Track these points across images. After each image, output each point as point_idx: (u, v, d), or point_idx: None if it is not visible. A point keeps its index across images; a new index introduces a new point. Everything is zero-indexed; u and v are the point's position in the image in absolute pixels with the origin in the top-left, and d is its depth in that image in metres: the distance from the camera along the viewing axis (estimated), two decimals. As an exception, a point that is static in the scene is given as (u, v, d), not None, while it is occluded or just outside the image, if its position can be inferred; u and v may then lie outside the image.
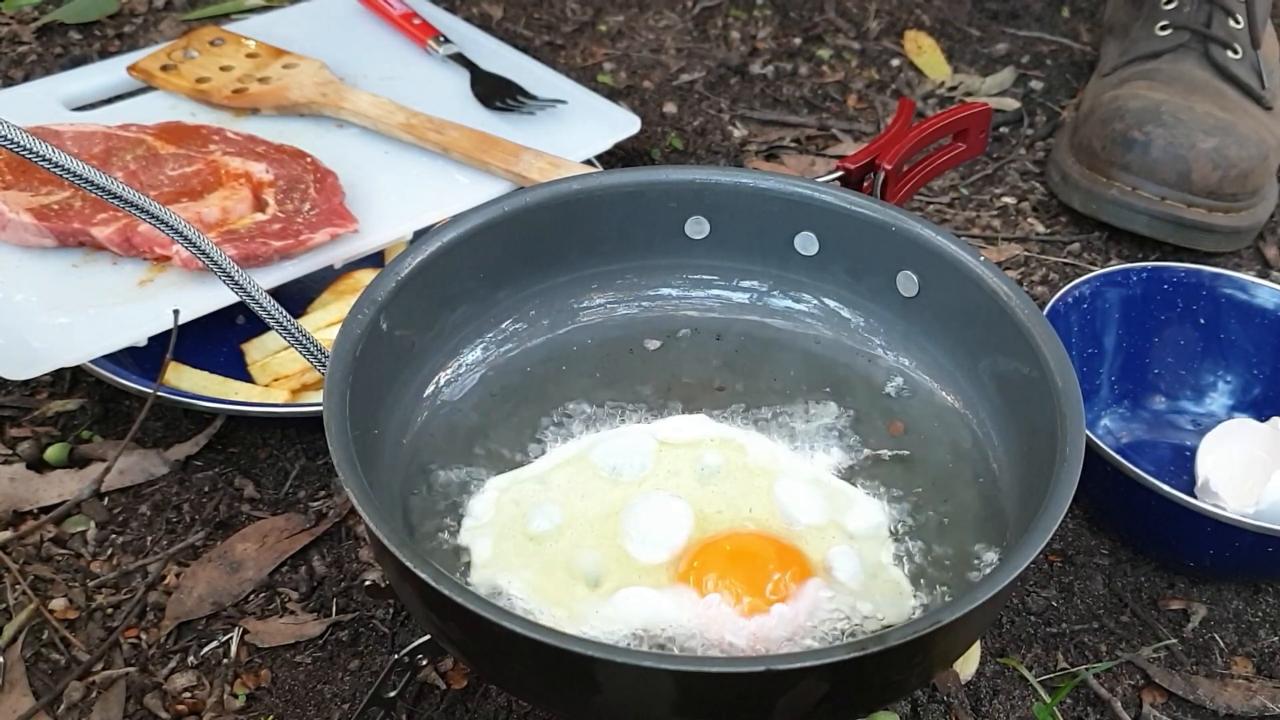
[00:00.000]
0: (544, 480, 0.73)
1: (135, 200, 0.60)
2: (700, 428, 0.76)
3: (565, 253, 0.80)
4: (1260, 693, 0.81)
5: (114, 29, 1.39)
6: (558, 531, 0.70)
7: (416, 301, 0.72)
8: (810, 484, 0.73)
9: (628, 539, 0.69)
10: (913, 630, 0.54)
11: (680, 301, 0.83)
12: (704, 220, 0.80)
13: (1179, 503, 0.79)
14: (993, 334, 0.72)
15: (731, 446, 0.75)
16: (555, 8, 1.47)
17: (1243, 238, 1.15)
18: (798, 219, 0.79)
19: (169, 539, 0.86)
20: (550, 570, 0.68)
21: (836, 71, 1.39)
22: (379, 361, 0.69)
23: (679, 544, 0.68)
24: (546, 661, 0.55)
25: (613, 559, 0.68)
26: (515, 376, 0.79)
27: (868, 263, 0.78)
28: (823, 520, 0.71)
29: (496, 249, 0.76)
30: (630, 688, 0.55)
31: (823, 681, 0.54)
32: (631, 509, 0.70)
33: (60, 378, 0.97)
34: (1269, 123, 1.16)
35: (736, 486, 0.73)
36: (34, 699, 0.76)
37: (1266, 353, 0.95)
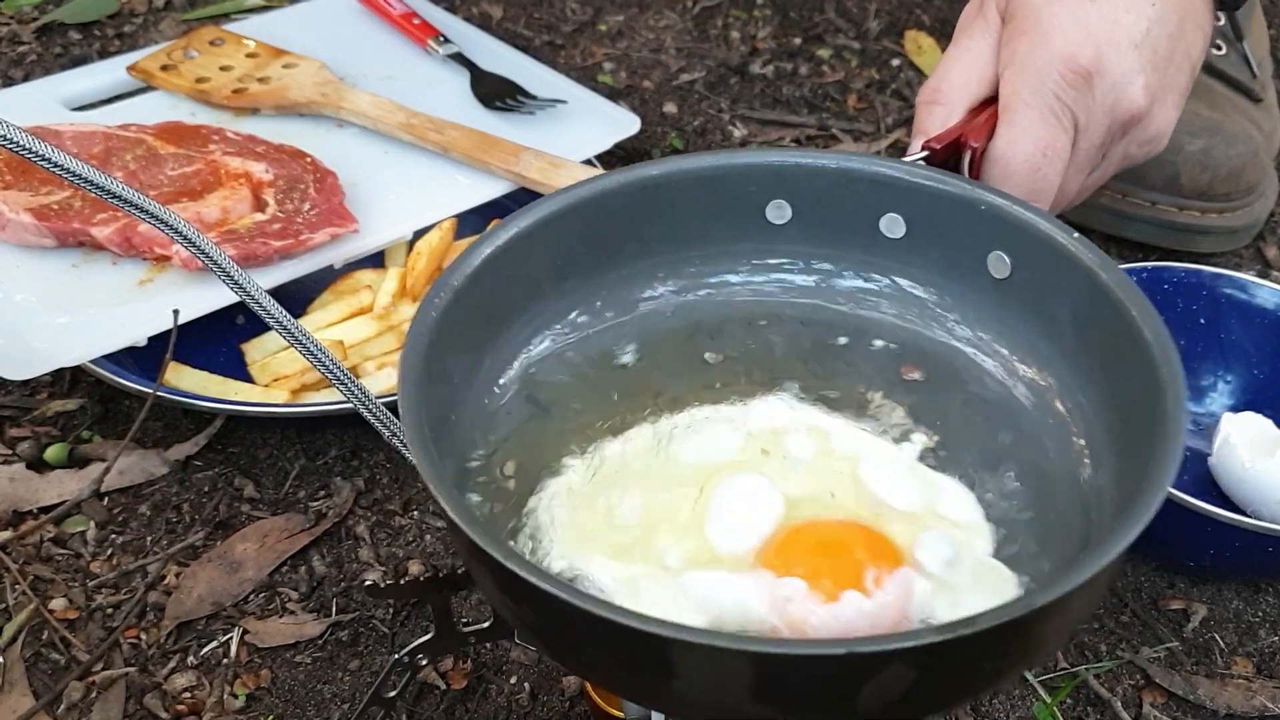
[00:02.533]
0: (622, 466, 0.70)
1: (135, 200, 0.60)
2: (784, 413, 0.73)
3: (641, 240, 0.77)
4: (1260, 693, 0.81)
5: (114, 29, 1.39)
6: (636, 516, 0.67)
7: (490, 290, 0.70)
8: (897, 468, 0.70)
9: (711, 525, 0.65)
10: (1005, 613, 0.51)
11: (757, 288, 0.79)
12: (785, 204, 0.77)
13: (1179, 502, 0.79)
14: (1090, 313, 0.69)
15: (816, 432, 0.72)
16: (555, 8, 1.47)
17: (1240, 236, 1.15)
18: (884, 200, 0.76)
19: (169, 539, 0.86)
20: (628, 554, 0.65)
21: (836, 71, 1.39)
22: (452, 348, 0.67)
23: (765, 532, 0.65)
24: (621, 644, 0.53)
25: (694, 545, 0.65)
26: (584, 367, 0.75)
27: (957, 244, 0.75)
28: (914, 506, 0.67)
29: (569, 237, 0.74)
30: (706, 671, 0.52)
31: (909, 668, 0.51)
32: (716, 494, 0.67)
33: (60, 378, 0.97)
34: (1259, 117, 1.16)
35: (820, 472, 0.69)
36: (34, 699, 0.76)
37: (1267, 353, 0.95)
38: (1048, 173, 0.80)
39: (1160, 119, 0.84)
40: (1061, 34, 0.79)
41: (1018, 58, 0.80)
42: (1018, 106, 0.79)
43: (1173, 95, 0.84)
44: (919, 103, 0.84)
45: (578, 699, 0.77)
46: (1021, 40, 0.81)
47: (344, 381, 0.66)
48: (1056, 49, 0.79)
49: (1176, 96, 0.84)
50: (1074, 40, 0.79)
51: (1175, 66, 0.83)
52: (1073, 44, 0.79)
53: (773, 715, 0.54)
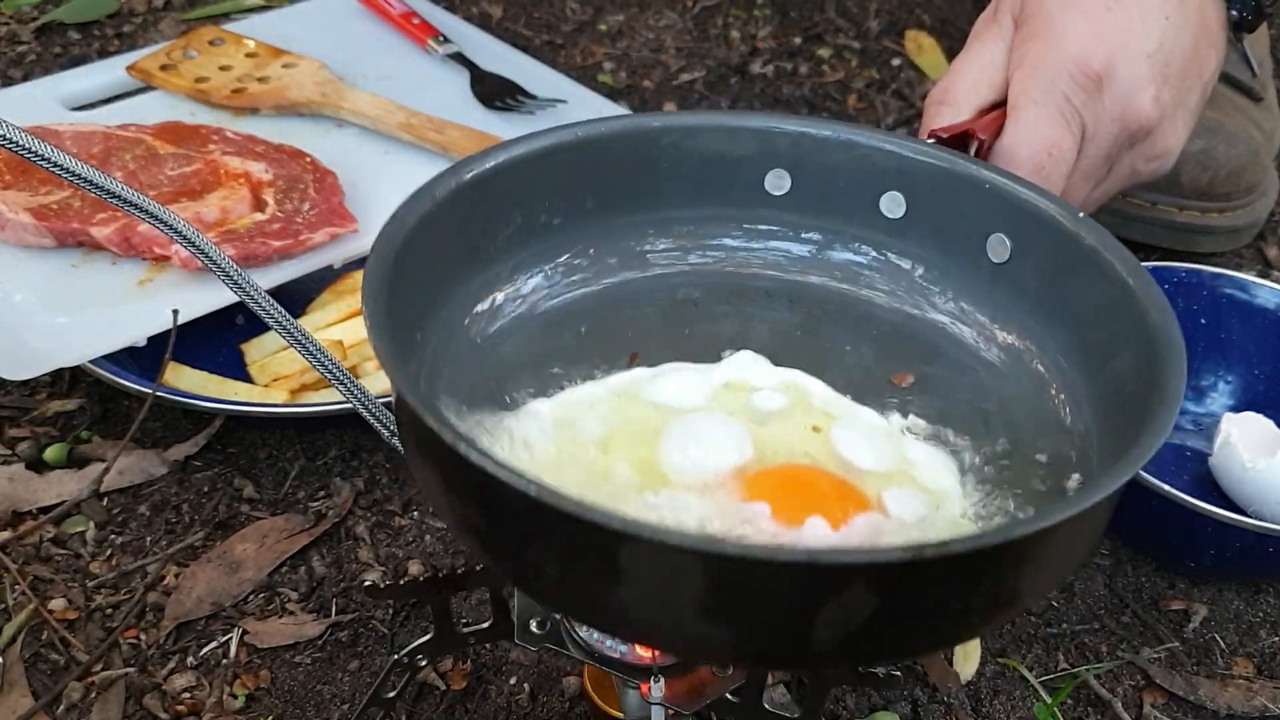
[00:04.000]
0: (590, 404, 0.68)
1: (134, 200, 0.60)
2: (764, 369, 0.71)
3: (635, 192, 0.75)
4: (1261, 693, 0.80)
5: (113, 29, 1.39)
6: (601, 447, 0.65)
7: (477, 209, 0.68)
8: (875, 432, 0.68)
9: (674, 455, 0.63)
10: (980, 540, 0.47)
11: (751, 256, 0.77)
12: (785, 174, 0.75)
13: (1180, 503, 0.79)
14: (1090, 299, 0.67)
15: (794, 389, 0.70)
16: (555, 7, 1.47)
17: (1241, 236, 1.15)
18: (886, 177, 0.74)
19: (168, 539, 0.86)
20: (591, 478, 0.63)
21: (837, 71, 1.39)
22: (431, 258, 0.65)
23: (730, 464, 0.62)
24: (567, 539, 0.50)
25: (656, 475, 0.63)
26: (570, 311, 0.73)
27: (957, 225, 0.73)
28: (887, 466, 0.65)
29: (565, 175, 0.72)
30: (655, 574, 0.49)
31: (871, 591, 0.48)
32: (682, 425, 0.65)
33: (59, 378, 0.97)
34: (1259, 117, 1.16)
35: (795, 429, 0.67)
36: (33, 699, 0.76)
37: (1267, 352, 0.95)
38: (1051, 173, 0.79)
39: (1169, 135, 0.83)
40: (1074, 38, 0.79)
41: (1029, 60, 0.80)
42: (1025, 104, 0.79)
43: (1183, 113, 0.84)
44: (928, 103, 0.84)
45: (577, 699, 0.77)
46: (1034, 44, 0.80)
47: (343, 381, 0.66)
48: (1068, 51, 0.79)
49: (1187, 115, 0.84)
50: (1086, 44, 0.79)
51: (1187, 84, 0.83)
52: (1085, 48, 0.79)
53: (720, 638, 0.51)
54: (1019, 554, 0.50)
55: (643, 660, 0.66)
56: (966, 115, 0.82)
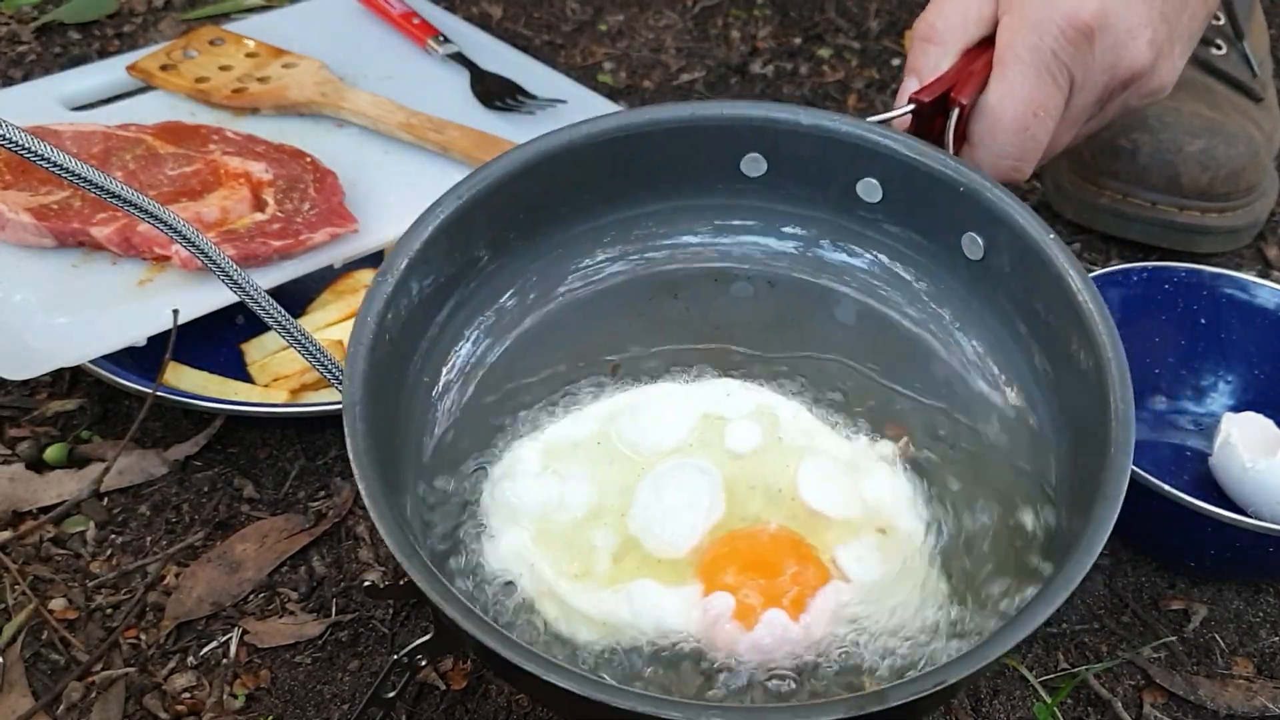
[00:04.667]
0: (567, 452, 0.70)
1: (134, 200, 0.60)
2: (737, 396, 0.72)
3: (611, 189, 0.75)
4: (1261, 693, 0.80)
5: (113, 29, 1.39)
6: (576, 510, 0.68)
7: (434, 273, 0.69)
8: (840, 467, 0.70)
9: (648, 529, 0.67)
10: (916, 688, 0.54)
11: (727, 249, 0.78)
12: (761, 158, 0.75)
13: (1180, 503, 0.79)
14: (1055, 315, 0.68)
15: (768, 417, 0.72)
16: (555, 7, 1.47)
17: (1241, 236, 1.15)
18: (863, 163, 0.74)
19: (168, 539, 0.86)
20: (568, 551, 0.67)
21: (837, 71, 1.39)
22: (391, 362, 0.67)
23: (701, 533, 0.67)
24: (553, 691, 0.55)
25: (633, 550, 0.67)
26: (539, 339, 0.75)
27: (933, 219, 0.74)
28: (851, 511, 0.68)
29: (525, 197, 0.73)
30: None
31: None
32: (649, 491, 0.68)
33: (59, 378, 0.97)
34: (1259, 117, 1.16)
35: (771, 463, 0.70)
36: (33, 699, 0.76)
37: (1267, 352, 0.95)
38: (1036, 132, 0.77)
39: (1165, 69, 0.80)
40: None
41: (1016, 4, 0.77)
42: (1012, 61, 0.76)
43: (1181, 43, 0.80)
44: (913, 38, 0.81)
45: (578, 699, 0.77)
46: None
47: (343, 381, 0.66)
48: (1058, 4, 0.76)
49: (1185, 44, 0.81)
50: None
51: (1189, 12, 0.79)
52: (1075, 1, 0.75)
53: None
54: (953, 689, 0.55)
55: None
56: (952, 57, 0.79)
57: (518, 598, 0.65)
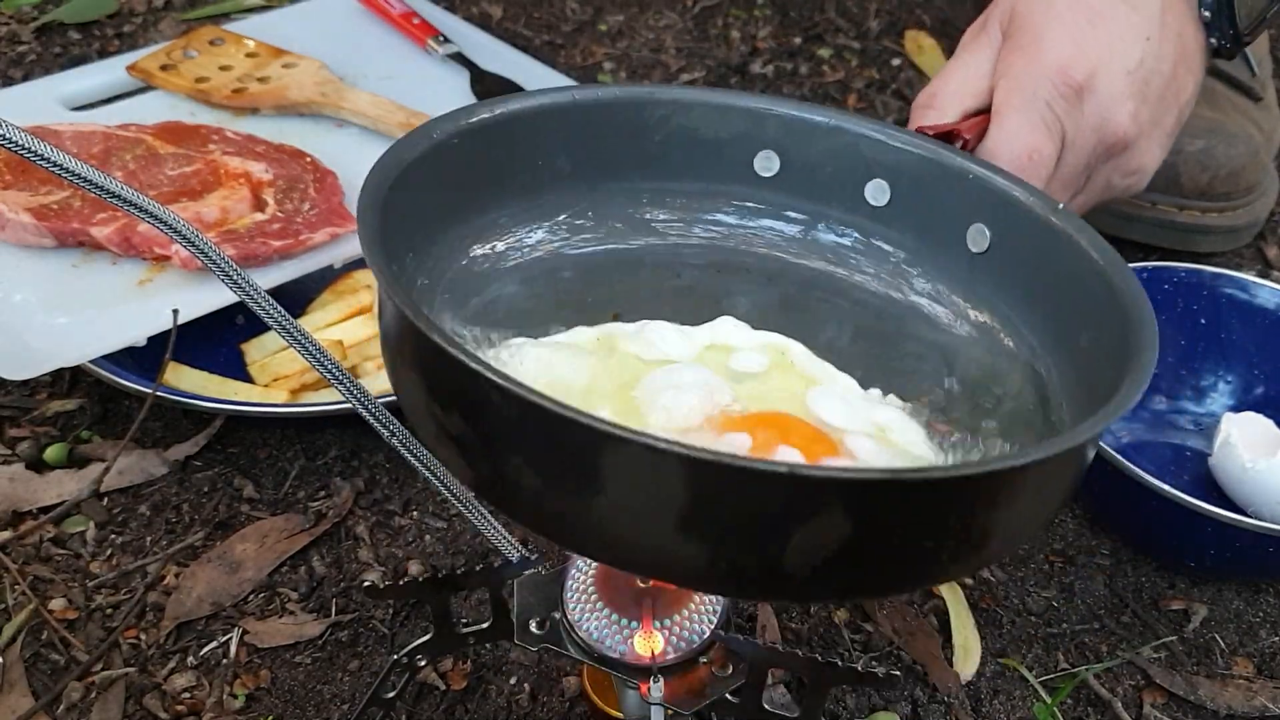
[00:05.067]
0: (573, 350, 0.69)
1: (134, 200, 0.60)
2: (745, 332, 0.72)
3: (627, 159, 0.76)
4: (1261, 693, 0.80)
5: (113, 29, 1.39)
6: (582, 391, 0.65)
7: (477, 156, 0.69)
8: (851, 395, 0.69)
9: (653, 397, 0.64)
10: (959, 469, 0.49)
11: (740, 232, 0.79)
12: (774, 156, 0.77)
13: (1180, 503, 0.79)
14: (1068, 289, 0.68)
15: (775, 351, 0.71)
16: (555, 7, 1.47)
17: (1241, 236, 1.15)
18: (873, 165, 0.76)
19: (168, 539, 0.86)
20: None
21: (837, 71, 1.39)
22: (427, 194, 0.66)
23: (706, 410, 0.64)
24: (548, 444, 0.50)
25: (638, 420, 0.64)
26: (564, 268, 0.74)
27: (938, 215, 0.75)
28: (860, 427, 0.66)
29: (563, 135, 0.73)
30: (636, 481, 0.49)
31: (847, 515, 0.48)
32: (662, 373, 0.66)
33: (59, 378, 0.97)
34: (1259, 116, 1.16)
35: (772, 387, 0.69)
36: (33, 699, 0.76)
37: (1267, 352, 0.95)
38: (1031, 177, 0.81)
39: (1145, 153, 0.85)
40: (1057, 50, 0.82)
41: (1013, 69, 0.82)
42: (1009, 111, 0.81)
43: (1159, 134, 0.86)
44: (914, 107, 0.86)
45: (577, 700, 0.77)
46: (1018, 55, 0.83)
47: (343, 381, 0.66)
48: (1051, 61, 0.81)
49: (1162, 136, 0.86)
50: (1069, 55, 0.81)
51: (1165, 106, 0.85)
52: (1067, 59, 0.81)
53: (694, 555, 0.51)
54: (994, 489, 0.50)
55: (642, 661, 0.66)
56: (951, 119, 0.83)
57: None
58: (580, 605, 0.68)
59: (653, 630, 0.67)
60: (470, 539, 0.87)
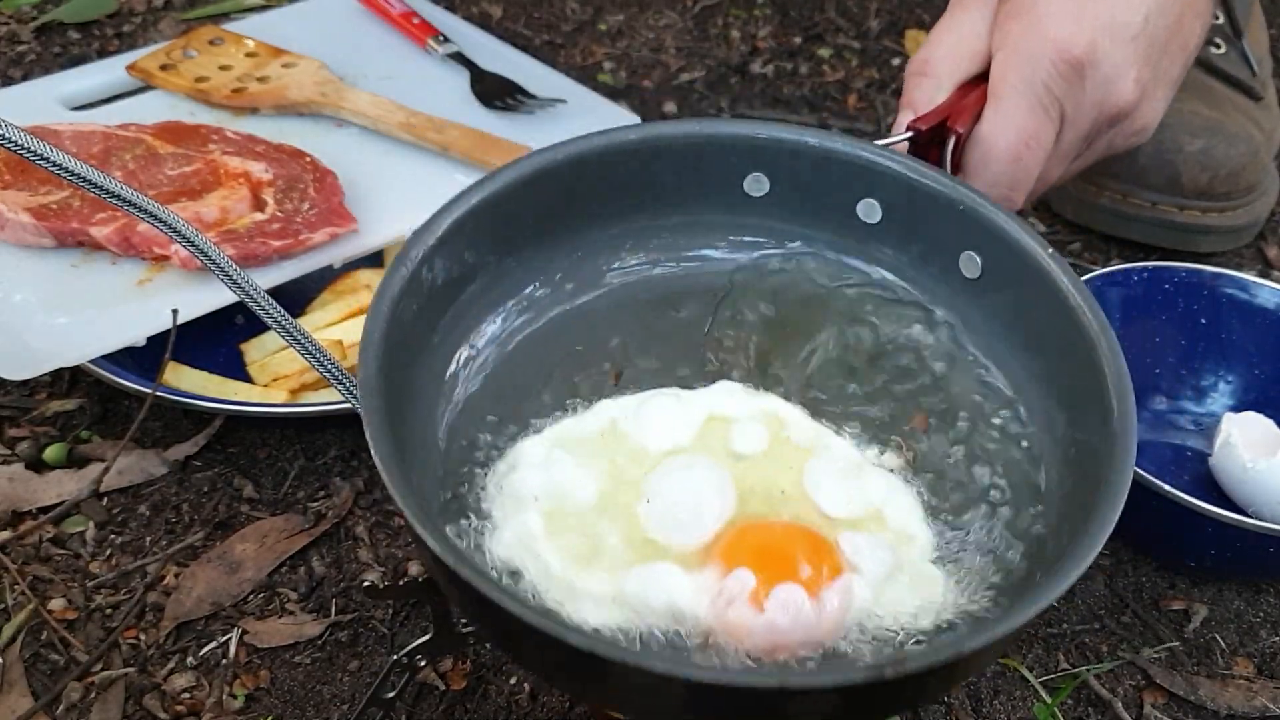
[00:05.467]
0: (575, 444, 0.70)
1: (134, 200, 0.60)
2: (741, 399, 0.73)
3: (610, 205, 0.76)
4: (1261, 693, 0.80)
5: (113, 28, 1.39)
6: (585, 501, 0.67)
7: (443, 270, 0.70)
8: (845, 468, 0.70)
9: (659, 523, 0.66)
10: (934, 656, 0.54)
11: (726, 262, 0.79)
12: (764, 178, 0.77)
13: (1180, 503, 0.79)
14: (1053, 333, 0.69)
15: (774, 421, 0.72)
16: (555, 7, 1.47)
17: (1241, 235, 1.15)
18: (863, 185, 0.76)
19: (168, 539, 0.86)
20: (574, 543, 0.65)
21: (837, 71, 1.39)
22: (404, 349, 0.66)
23: (715, 526, 0.66)
24: (559, 654, 0.55)
25: (640, 539, 0.66)
26: (546, 341, 0.75)
27: (931, 238, 0.75)
28: (855, 510, 0.68)
29: (530, 207, 0.73)
30: (638, 687, 0.55)
31: (838, 698, 0.55)
32: (665, 483, 0.67)
33: (59, 378, 0.97)
34: (1259, 116, 1.16)
35: (773, 465, 0.69)
36: (33, 699, 0.76)
37: (1267, 352, 0.95)
38: (1028, 162, 0.79)
39: (1148, 111, 0.83)
40: (1056, 21, 0.78)
41: (1010, 40, 0.79)
42: (1006, 93, 0.79)
43: (1163, 87, 0.83)
44: (908, 74, 0.83)
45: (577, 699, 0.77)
46: (1015, 23, 0.80)
47: (343, 381, 0.66)
48: (1050, 36, 0.78)
49: (1167, 88, 0.83)
50: (1068, 29, 0.78)
51: (1170, 58, 0.82)
52: (1067, 33, 0.78)
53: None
54: (970, 659, 0.55)
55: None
56: (946, 91, 0.81)
57: (525, 585, 0.64)
58: (580, 606, 0.68)
59: (653, 631, 0.67)
60: (470, 539, 0.87)
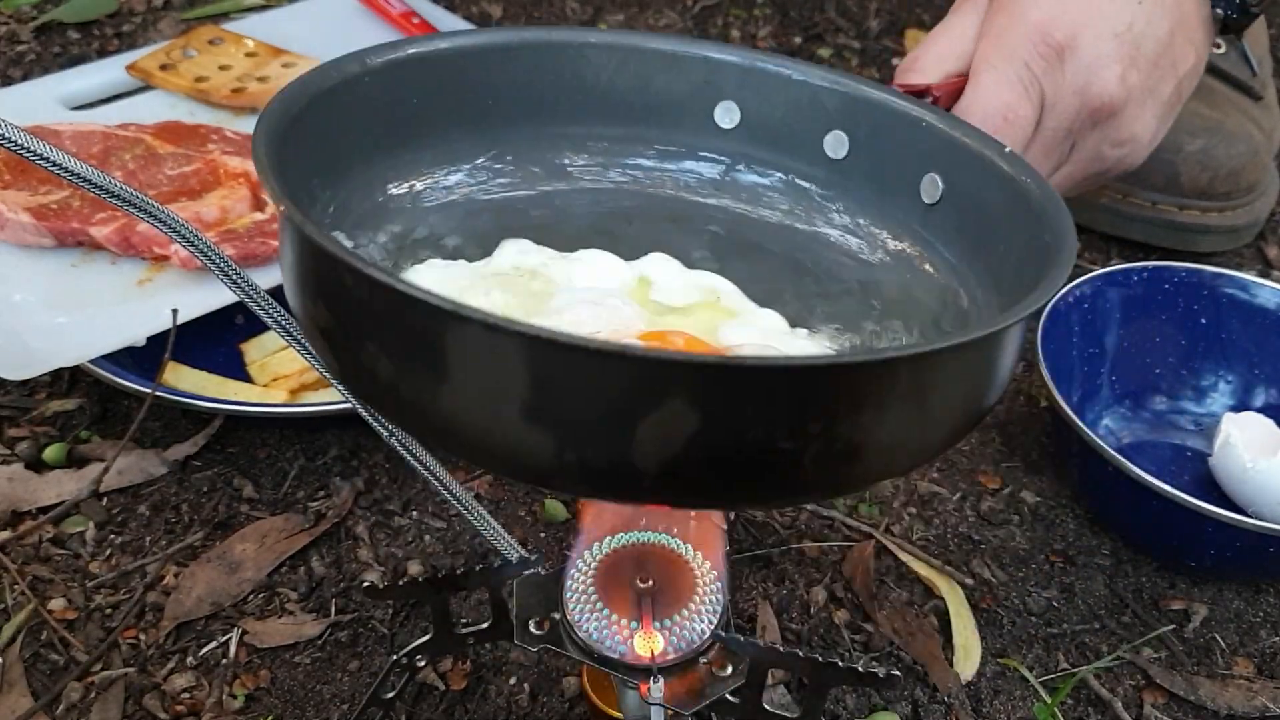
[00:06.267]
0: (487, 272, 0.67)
1: (134, 200, 0.60)
2: (676, 267, 0.71)
3: (575, 107, 0.74)
4: (1261, 693, 0.80)
5: (113, 28, 1.39)
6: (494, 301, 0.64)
7: (399, 91, 0.67)
8: (766, 331, 0.68)
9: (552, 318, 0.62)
10: (807, 360, 0.46)
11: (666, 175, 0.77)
12: (735, 108, 0.76)
13: (1180, 503, 0.79)
14: (1010, 225, 0.67)
15: (707, 289, 0.70)
16: (555, 7, 1.47)
17: (1241, 235, 1.15)
18: (834, 115, 0.75)
19: (168, 539, 0.86)
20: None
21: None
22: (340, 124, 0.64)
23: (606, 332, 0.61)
24: (397, 327, 0.49)
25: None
26: (488, 209, 0.72)
27: (894, 165, 0.74)
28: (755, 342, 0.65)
29: (504, 75, 0.71)
30: (478, 364, 0.47)
31: (692, 406, 0.45)
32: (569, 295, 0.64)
33: (59, 377, 0.97)
34: (1259, 115, 1.16)
35: (690, 322, 0.67)
36: (33, 699, 0.76)
37: (1267, 352, 0.95)
38: (1008, 138, 0.79)
39: (1136, 120, 0.83)
40: (1039, 9, 0.80)
41: (994, 30, 0.81)
42: (984, 69, 0.80)
43: (1153, 102, 0.83)
44: (898, 71, 0.85)
45: (577, 700, 0.77)
46: (1000, 15, 0.81)
47: (343, 381, 0.66)
48: (1032, 21, 0.79)
49: (1157, 105, 0.83)
50: (1050, 15, 0.79)
51: (1159, 73, 0.83)
52: (1048, 18, 0.79)
53: (543, 445, 0.48)
54: (854, 383, 0.46)
55: (642, 661, 0.66)
56: (933, 80, 0.82)
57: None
58: (580, 605, 0.68)
59: (652, 630, 0.67)
60: (470, 539, 0.87)
